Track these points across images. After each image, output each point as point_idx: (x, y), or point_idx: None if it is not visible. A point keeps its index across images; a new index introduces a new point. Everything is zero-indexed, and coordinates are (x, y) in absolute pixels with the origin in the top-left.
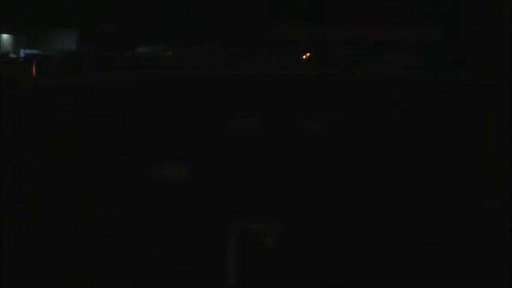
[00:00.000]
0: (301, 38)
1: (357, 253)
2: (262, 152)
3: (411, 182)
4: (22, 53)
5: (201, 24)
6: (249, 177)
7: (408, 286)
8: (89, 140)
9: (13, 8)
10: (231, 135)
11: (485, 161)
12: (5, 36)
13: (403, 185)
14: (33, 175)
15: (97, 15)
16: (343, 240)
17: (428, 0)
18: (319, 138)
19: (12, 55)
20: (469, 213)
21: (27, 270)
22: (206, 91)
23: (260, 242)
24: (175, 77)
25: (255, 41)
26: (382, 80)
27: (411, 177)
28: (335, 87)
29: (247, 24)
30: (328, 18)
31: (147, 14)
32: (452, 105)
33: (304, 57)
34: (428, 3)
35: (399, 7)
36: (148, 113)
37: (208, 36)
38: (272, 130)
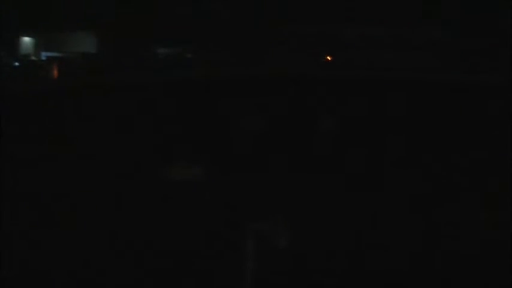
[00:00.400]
0: (315, 36)
1: (369, 254)
2: (278, 151)
3: (420, 183)
4: (43, 55)
5: (219, 26)
6: (264, 175)
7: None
8: (105, 141)
9: (33, 11)
10: (247, 134)
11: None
12: (26, 39)
13: (413, 186)
14: (49, 174)
15: (117, 17)
16: (356, 241)
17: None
18: (333, 137)
19: (33, 57)
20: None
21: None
22: (222, 91)
23: (272, 243)
24: (193, 78)
25: (270, 41)
26: (396, 81)
27: (422, 179)
28: (351, 87)
29: (262, 25)
30: (338, 16)
31: (167, 15)
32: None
33: (325, 60)
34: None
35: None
36: (163, 114)
37: (225, 38)
38: (288, 129)
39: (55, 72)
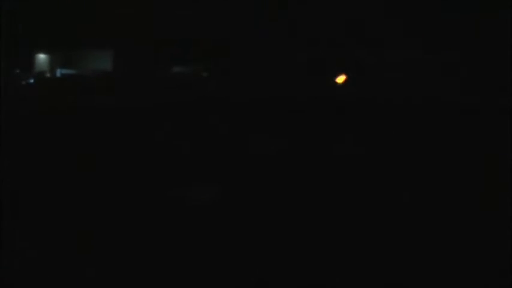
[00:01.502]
0: (332, 60)
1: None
2: (290, 174)
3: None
4: (58, 72)
5: (237, 45)
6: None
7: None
8: (115, 162)
9: (50, 28)
10: (260, 157)
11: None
12: (41, 56)
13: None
14: (63, 195)
15: (133, 35)
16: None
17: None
18: (348, 160)
19: (48, 74)
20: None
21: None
22: (237, 112)
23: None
24: (205, 98)
25: (286, 63)
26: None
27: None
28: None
29: (279, 47)
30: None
31: (184, 33)
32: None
33: (339, 80)
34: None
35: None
36: (177, 134)
37: (242, 58)
38: (300, 151)
39: (69, 90)
